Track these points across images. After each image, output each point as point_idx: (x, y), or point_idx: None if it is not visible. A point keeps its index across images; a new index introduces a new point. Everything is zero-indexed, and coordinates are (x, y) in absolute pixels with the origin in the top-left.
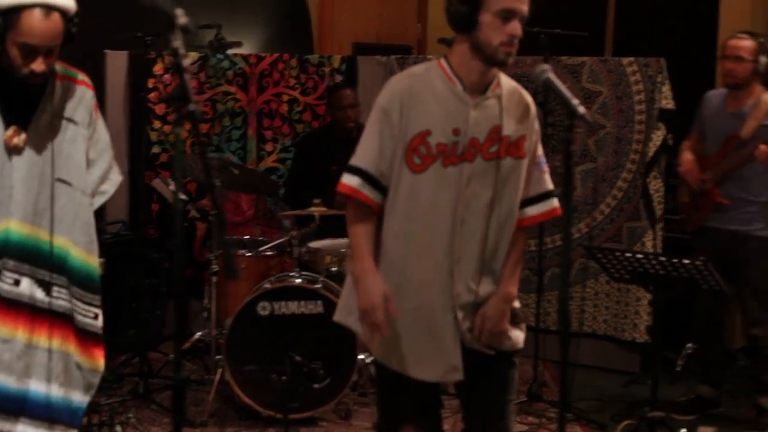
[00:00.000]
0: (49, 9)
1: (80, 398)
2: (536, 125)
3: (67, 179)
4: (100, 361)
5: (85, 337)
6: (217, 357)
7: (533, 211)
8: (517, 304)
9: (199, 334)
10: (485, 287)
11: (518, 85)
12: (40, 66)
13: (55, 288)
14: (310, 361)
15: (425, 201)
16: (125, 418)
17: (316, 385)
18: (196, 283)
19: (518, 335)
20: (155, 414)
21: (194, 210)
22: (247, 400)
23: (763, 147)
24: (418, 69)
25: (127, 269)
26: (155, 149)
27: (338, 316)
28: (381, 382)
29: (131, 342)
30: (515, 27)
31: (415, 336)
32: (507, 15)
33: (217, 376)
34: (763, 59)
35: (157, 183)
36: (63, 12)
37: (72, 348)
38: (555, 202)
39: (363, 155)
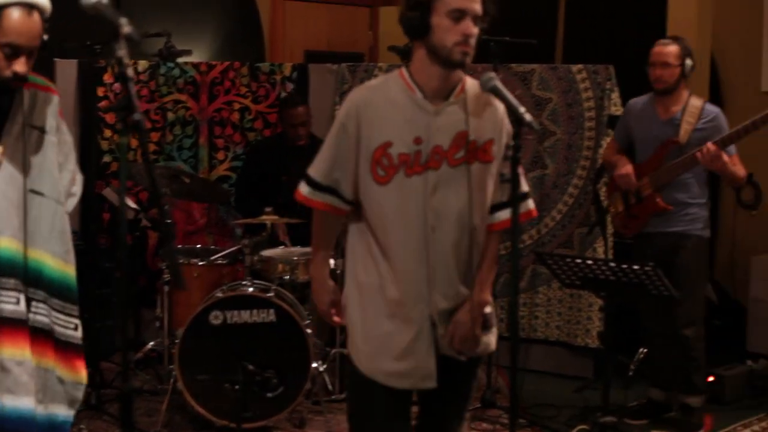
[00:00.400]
0: (30, 8)
1: (65, 413)
2: (507, 126)
3: (40, 190)
4: (83, 373)
5: (66, 349)
6: (170, 366)
7: (506, 214)
8: (489, 309)
9: (152, 343)
10: (463, 293)
11: None
12: (23, 67)
13: (33, 303)
14: (263, 369)
15: (393, 212)
16: (77, 429)
17: (269, 394)
18: (149, 292)
19: (490, 339)
20: (108, 425)
21: (146, 219)
22: (200, 409)
23: (707, 148)
24: (377, 80)
25: (79, 279)
26: (106, 158)
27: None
28: (354, 388)
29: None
30: (468, 26)
31: (390, 344)
32: (458, 15)
33: (170, 386)
34: (688, 62)
35: (107, 192)
36: (41, 12)
37: (51, 363)
38: (530, 204)
39: (316, 165)
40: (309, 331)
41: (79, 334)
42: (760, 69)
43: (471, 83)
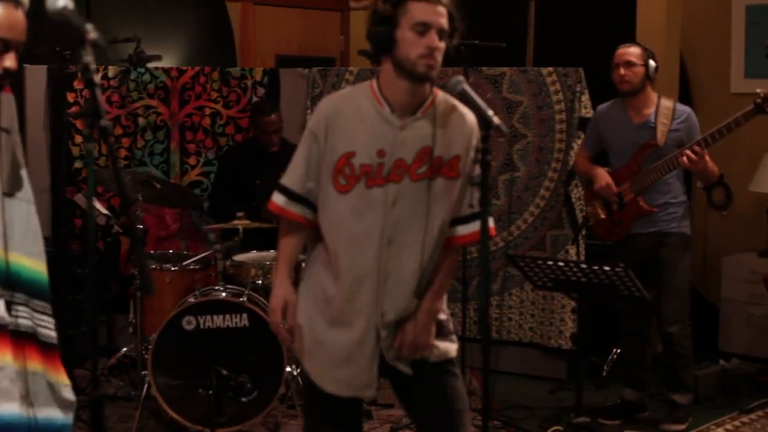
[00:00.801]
0: (16, 2)
1: (62, 417)
2: (474, 143)
3: (11, 191)
4: (65, 374)
5: (50, 351)
6: (144, 372)
7: (465, 230)
8: (443, 316)
9: (125, 349)
10: (414, 307)
11: (459, 104)
12: (13, 63)
13: (14, 307)
14: (236, 374)
15: (350, 221)
16: None
17: (243, 399)
18: (122, 298)
19: (448, 346)
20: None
21: (117, 225)
22: (174, 415)
23: (690, 152)
24: (348, 90)
25: (51, 285)
26: (77, 164)
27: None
28: (306, 391)
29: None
30: (432, 39)
31: (332, 352)
32: (423, 28)
33: (144, 392)
34: (652, 63)
35: (79, 198)
36: (23, 9)
37: (39, 367)
38: (489, 222)
39: (290, 174)
40: None
41: (55, 333)
42: (729, 71)
43: (442, 97)
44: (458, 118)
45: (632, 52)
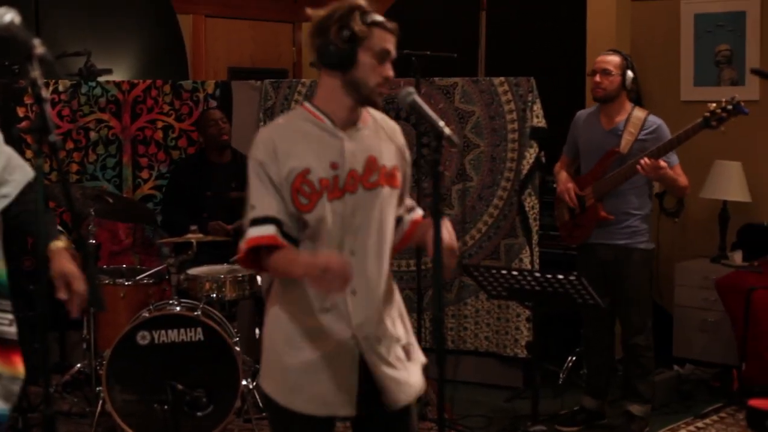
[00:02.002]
0: None
1: (1, 406)
2: (407, 154)
3: None
4: (20, 368)
5: (2, 345)
6: (98, 388)
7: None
8: (412, 340)
9: (79, 365)
10: (383, 314)
11: (384, 116)
12: None
13: None
14: (192, 389)
15: (315, 238)
16: None
17: (199, 413)
18: None
19: (419, 380)
20: None
21: (70, 240)
22: (129, 430)
23: (644, 161)
24: (281, 118)
25: None
26: None
27: (262, 383)
28: (273, 422)
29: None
30: (389, 69)
31: (311, 372)
32: (384, 56)
33: (99, 408)
34: (629, 74)
35: None
36: None
37: None
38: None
39: (266, 205)
40: (237, 348)
41: (14, 329)
42: (678, 79)
43: (374, 111)
44: (392, 131)
45: (610, 60)
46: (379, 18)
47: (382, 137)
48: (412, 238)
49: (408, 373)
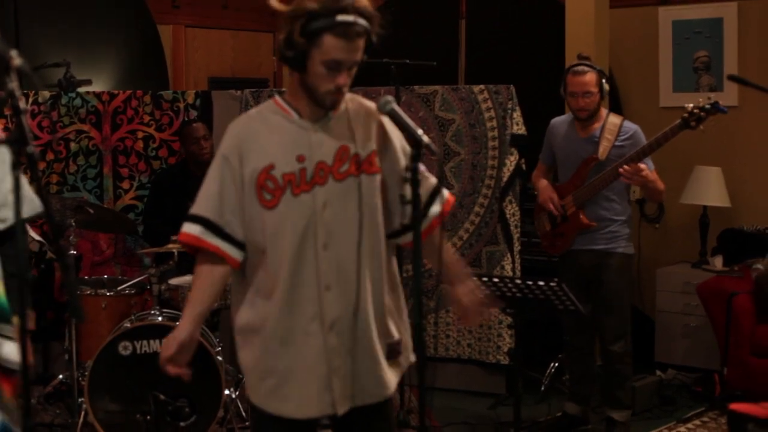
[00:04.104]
0: None
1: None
2: (393, 136)
3: None
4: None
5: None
6: (80, 399)
7: (436, 209)
8: (397, 336)
9: (61, 376)
10: (366, 308)
11: (364, 100)
12: None
13: None
14: (174, 399)
15: (283, 234)
16: None
17: (182, 423)
18: (57, 325)
19: (393, 378)
20: None
21: (51, 251)
22: None
23: (626, 166)
24: (253, 110)
25: None
26: None
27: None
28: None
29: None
30: (342, 78)
31: (292, 373)
32: (334, 65)
33: (81, 419)
34: (606, 86)
35: None
36: None
37: None
38: (445, 194)
39: (204, 203)
40: (220, 358)
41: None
42: (657, 85)
43: (350, 97)
44: (368, 113)
45: (589, 81)
46: (340, 21)
47: (359, 122)
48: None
49: (383, 372)
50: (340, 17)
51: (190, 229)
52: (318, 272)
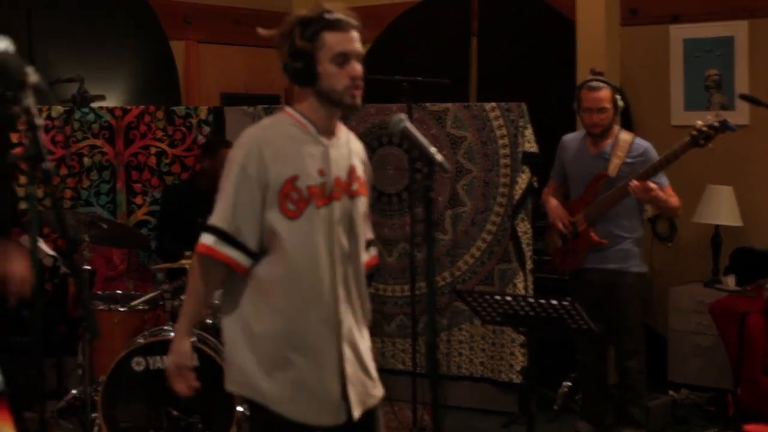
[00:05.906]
0: None
1: None
2: (369, 170)
3: None
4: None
5: None
6: (94, 414)
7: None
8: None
9: (74, 391)
10: (361, 318)
11: (352, 133)
12: None
13: None
14: (187, 415)
15: (305, 245)
16: None
17: None
18: (71, 340)
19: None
20: None
21: (64, 266)
22: None
23: (634, 183)
24: (266, 120)
25: None
26: (23, 205)
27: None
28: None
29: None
30: (354, 68)
31: (307, 381)
32: (342, 59)
33: None
34: (620, 102)
35: (25, 240)
36: None
37: None
38: (372, 251)
39: (219, 213)
40: None
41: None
42: (669, 103)
43: (345, 129)
44: (359, 149)
45: (604, 97)
46: (330, 18)
47: (354, 151)
48: None
49: (373, 381)
50: (328, 15)
51: (205, 239)
52: (334, 284)
